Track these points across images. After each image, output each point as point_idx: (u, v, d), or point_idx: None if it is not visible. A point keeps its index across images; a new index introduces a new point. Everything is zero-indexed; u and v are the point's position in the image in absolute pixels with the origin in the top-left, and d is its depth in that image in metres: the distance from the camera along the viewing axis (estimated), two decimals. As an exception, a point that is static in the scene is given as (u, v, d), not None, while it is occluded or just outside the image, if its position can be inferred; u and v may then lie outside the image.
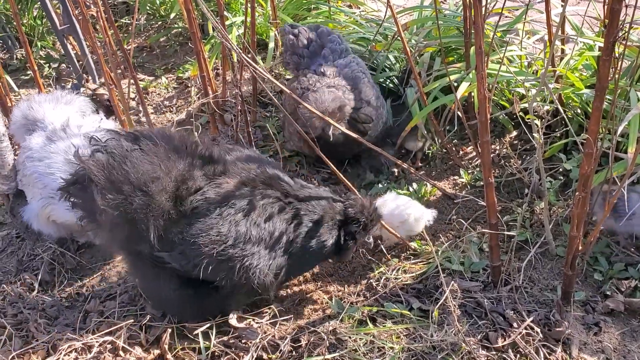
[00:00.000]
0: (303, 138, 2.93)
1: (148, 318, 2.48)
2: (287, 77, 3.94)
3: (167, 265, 2.29)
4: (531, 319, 2.38)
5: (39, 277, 2.87)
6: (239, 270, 2.26)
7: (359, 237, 2.57)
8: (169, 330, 2.43)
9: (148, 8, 5.27)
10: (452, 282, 2.46)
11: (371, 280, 2.75)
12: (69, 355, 2.32)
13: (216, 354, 2.37)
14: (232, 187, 2.32)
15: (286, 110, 2.99)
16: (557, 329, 2.35)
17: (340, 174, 2.72)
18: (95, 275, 2.94)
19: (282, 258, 2.38)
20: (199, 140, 2.41)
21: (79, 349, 2.35)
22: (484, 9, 2.22)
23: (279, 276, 2.41)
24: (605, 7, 2.46)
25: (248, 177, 2.37)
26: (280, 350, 2.32)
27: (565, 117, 2.60)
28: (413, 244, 2.89)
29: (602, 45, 1.98)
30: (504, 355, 2.28)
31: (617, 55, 2.02)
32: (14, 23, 4.43)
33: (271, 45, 4.19)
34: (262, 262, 2.31)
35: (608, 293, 2.59)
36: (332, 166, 2.68)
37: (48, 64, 4.78)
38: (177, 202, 2.23)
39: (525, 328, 2.34)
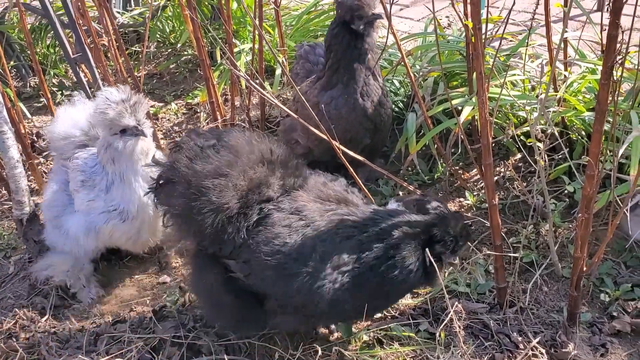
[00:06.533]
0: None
1: (158, 340, 2.51)
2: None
3: (231, 275, 2.24)
4: (537, 340, 2.39)
5: (51, 301, 2.91)
6: (297, 289, 2.13)
7: (445, 260, 2.31)
8: (178, 353, 2.46)
9: (158, 36, 5.39)
10: (457, 303, 2.48)
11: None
12: (80, 378, 2.35)
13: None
14: (306, 200, 2.26)
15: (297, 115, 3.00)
16: (564, 350, 2.36)
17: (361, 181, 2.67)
18: (106, 298, 2.98)
19: (347, 287, 2.17)
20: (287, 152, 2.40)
21: (90, 371, 2.38)
22: (484, 35, 2.28)
23: (343, 307, 2.21)
24: (604, 32, 2.52)
25: (323, 194, 2.31)
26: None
27: (561, 141, 2.63)
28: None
29: (602, 69, 2.02)
30: (511, 377, 2.29)
31: (616, 79, 2.07)
32: (28, 52, 4.54)
33: (278, 71, 4.27)
34: (326, 285, 2.13)
35: (614, 314, 2.59)
36: (352, 171, 2.64)
37: (61, 92, 4.88)
38: (245, 205, 2.20)
39: (532, 349, 2.35)
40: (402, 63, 3.02)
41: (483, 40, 2.18)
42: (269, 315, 2.31)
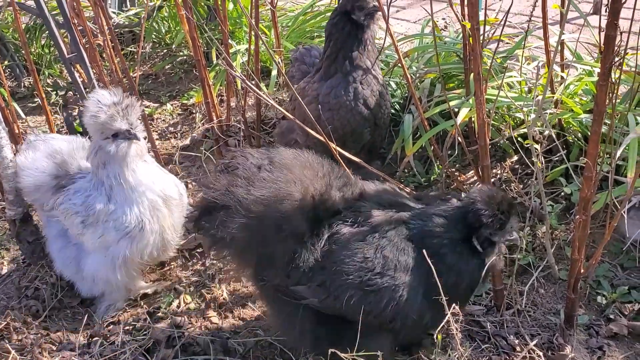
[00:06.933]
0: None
1: (152, 342, 2.49)
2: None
3: (303, 302, 2.09)
4: (534, 342, 2.37)
5: (44, 302, 2.88)
6: (386, 303, 2.03)
7: (498, 240, 2.15)
8: (172, 355, 2.44)
9: (154, 36, 5.37)
10: (454, 305, 2.46)
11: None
12: (72, 380, 2.33)
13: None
14: (370, 209, 2.15)
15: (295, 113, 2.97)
16: (561, 353, 2.35)
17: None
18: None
19: (423, 292, 2.09)
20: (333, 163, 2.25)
21: (83, 373, 2.36)
22: (481, 37, 2.28)
23: (424, 317, 2.12)
24: (601, 34, 2.51)
25: (382, 200, 2.22)
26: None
27: (558, 143, 2.63)
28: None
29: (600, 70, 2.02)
30: (508, 379, 2.28)
31: (614, 80, 2.06)
32: (23, 52, 4.51)
33: (274, 72, 4.25)
34: (411, 295, 2.05)
35: (611, 316, 2.59)
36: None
37: (55, 92, 4.86)
38: (314, 225, 2.07)
39: (529, 352, 2.33)
40: (399, 64, 3.01)
41: (481, 41, 2.17)
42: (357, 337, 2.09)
